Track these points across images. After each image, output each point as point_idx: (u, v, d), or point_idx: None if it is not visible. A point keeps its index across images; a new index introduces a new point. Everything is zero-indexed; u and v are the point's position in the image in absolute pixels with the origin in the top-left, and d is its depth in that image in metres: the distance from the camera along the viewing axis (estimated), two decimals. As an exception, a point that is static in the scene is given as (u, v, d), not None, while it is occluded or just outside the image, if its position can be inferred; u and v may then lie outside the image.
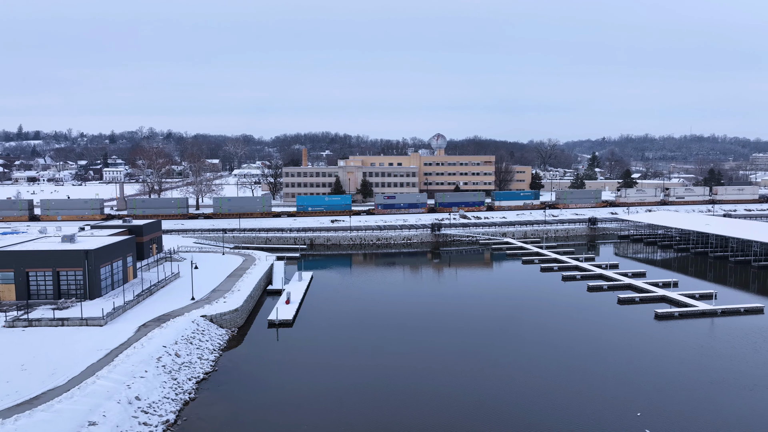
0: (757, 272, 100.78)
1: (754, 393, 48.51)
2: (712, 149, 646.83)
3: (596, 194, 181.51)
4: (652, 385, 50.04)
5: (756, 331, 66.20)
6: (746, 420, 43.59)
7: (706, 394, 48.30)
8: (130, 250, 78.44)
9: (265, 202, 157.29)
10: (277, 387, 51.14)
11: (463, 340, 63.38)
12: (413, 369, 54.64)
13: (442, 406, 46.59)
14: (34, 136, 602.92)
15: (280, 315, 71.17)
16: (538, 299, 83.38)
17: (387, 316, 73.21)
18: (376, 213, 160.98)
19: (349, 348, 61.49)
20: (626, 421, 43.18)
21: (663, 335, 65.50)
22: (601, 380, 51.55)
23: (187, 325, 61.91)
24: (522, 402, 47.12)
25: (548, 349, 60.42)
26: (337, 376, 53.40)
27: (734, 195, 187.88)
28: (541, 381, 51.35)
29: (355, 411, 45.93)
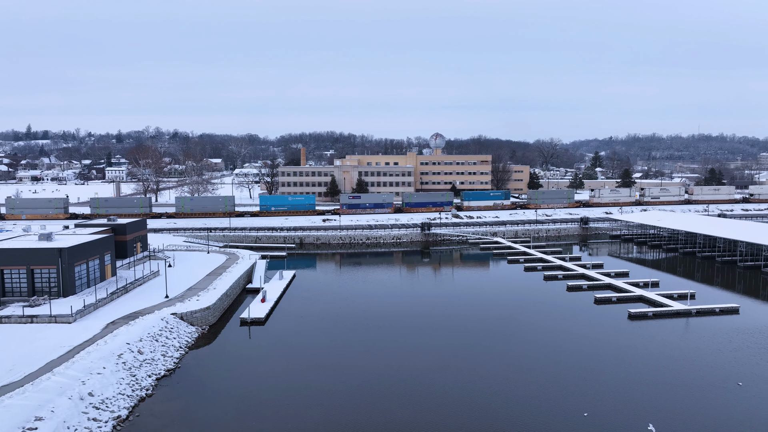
0: (742, 272, 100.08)
1: (705, 393, 48.30)
2: (720, 148, 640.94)
3: (569, 194, 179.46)
4: (605, 385, 49.98)
5: (725, 332, 65.81)
6: (690, 420, 43.45)
7: (658, 395, 48.11)
8: (108, 249, 79.25)
9: (228, 202, 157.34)
10: (236, 384, 51.55)
11: (433, 339, 63.50)
12: (381, 368, 54.74)
13: (405, 403, 46.81)
14: (42, 135, 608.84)
15: (252, 313, 71.69)
16: (517, 298, 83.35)
17: (363, 316, 73.43)
18: (341, 213, 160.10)
19: (318, 347, 61.78)
20: (573, 420, 43.19)
21: (632, 335, 65.29)
22: (553, 379, 51.48)
23: (156, 322, 62.56)
24: (471, 397, 47.21)
25: (513, 346, 60.44)
26: (301, 374, 53.70)
27: (710, 195, 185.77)
28: (493, 377, 51.39)
29: (311, 409, 46.20)
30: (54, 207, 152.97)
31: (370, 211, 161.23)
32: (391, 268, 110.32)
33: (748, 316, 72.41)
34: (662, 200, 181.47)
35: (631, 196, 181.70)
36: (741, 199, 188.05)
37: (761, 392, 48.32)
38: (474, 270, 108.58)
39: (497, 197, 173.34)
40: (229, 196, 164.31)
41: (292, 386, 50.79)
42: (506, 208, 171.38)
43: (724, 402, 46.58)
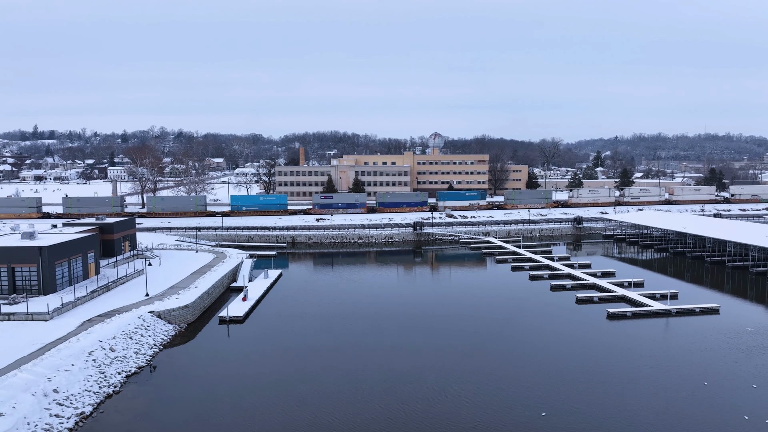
0: (731, 272, 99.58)
1: (668, 392, 48.19)
2: (726, 148, 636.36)
3: (546, 194, 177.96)
4: (568, 384, 50.01)
5: (701, 332, 65.60)
6: (647, 418, 43.43)
7: (619, 394, 48.04)
8: (92, 247, 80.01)
9: (199, 202, 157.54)
10: (205, 382, 51.92)
11: (410, 338, 63.67)
12: (355, 367, 54.83)
13: (376, 402, 47.08)
14: (49, 135, 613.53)
15: (231, 312, 72.16)
16: (500, 297, 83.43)
17: (343, 315, 73.61)
18: (313, 213, 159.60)
19: (294, 346, 62.08)
20: (531, 420, 43.28)
21: (607, 335, 65.22)
22: (517, 378, 51.53)
23: (132, 320, 63.12)
24: (431, 394, 47.38)
25: (485, 345, 60.50)
26: (272, 373, 53.98)
27: (690, 195, 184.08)
28: (457, 375, 51.51)
29: (276, 408, 46.49)
30: (27, 206, 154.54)
31: (342, 211, 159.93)
32: (379, 267, 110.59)
33: (727, 317, 72.08)
34: (642, 201, 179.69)
35: (610, 197, 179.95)
36: (722, 200, 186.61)
37: (724, 392, 48.19)
38: (461, 269, 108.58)
39: (473, 197, 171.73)
40: (201, 195, 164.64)
41: (262, 385, 51.14)
42: (482, 209, 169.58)
43: (686, 401, 46.47)
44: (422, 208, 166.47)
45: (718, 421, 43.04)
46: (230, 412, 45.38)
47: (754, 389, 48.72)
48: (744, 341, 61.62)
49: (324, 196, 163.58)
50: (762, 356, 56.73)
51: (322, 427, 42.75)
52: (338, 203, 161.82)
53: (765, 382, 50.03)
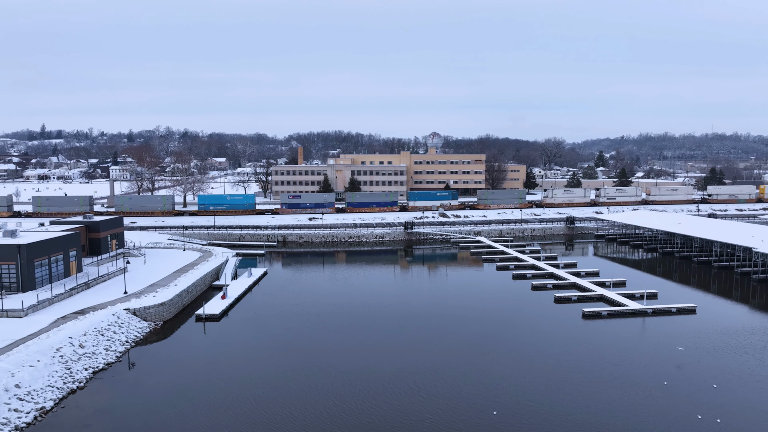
0: (717, 272, 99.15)
1: (626, 391, 48.20)
2: (733, 148, 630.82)
3: (520, 194, 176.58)
4: (527, 384, 50.17)
5: (671, 332, 65.48)
6: (594, 420, 43.55)
7: (571, 394, 48.15)
8: (74, 245, 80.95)
9: (166, 201, 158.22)
10: (171, 379, 52.54)
11: (380, 335, 64.08)
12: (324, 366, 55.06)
13: (336, 400, 47.51)
14: (56, 135, 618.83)
15: (207, 310, 72.82)
16: (480, 296, 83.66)
17: (319, 314, 73.98)
18: (281, 213, 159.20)
19: (265, 343, 62.65)
20: (482, 418, 43.50)
21: (579, 334, 65.19)
22: (479, 375, 51.74)
23: (106, 317, 63.89)
24: (390, 391, 47.71)
25: (453, 342, 60.71)
26: (238, 370, 54.38)
27: (667, 196, 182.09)
28: (415, 371, 51.78)
29: (238, 404, 46.93)
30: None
31: (310, 211, 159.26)
32: (364, 266, 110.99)
33: (703, 317, 71.87)
34: (618, 201, 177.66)
35: (585, 197, 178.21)
36: (699, 200, 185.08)
37: (681, 392, 48.15)
38: (446, 269, 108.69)
39: (444, 197, 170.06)
40: (168, 195, 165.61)
41: (227, 382, 51.54)
42: (454, 209, 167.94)
43: (641, 400, 46.47)
44: (392, 208, 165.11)
45: (669, 419, 43.04)
46: (190, 408, 45.94)
47: (714, 389, 48.66)
48: (711, 341, 61.46)
49: (291, 196, 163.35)
50: (726, 356, 56.57)
51: (285, 425, 43.19)
52: (306, 203, 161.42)
53: (725, 382, 49.95)
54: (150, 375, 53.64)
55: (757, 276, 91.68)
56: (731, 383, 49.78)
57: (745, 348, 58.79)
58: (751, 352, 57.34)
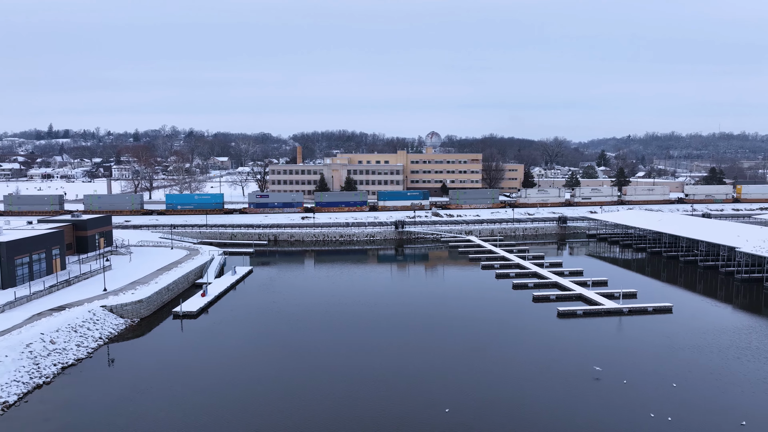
0: (702, 272, 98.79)
1: (574, 390, 48.40)
2: (741, 147, 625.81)
3: (493, 194, 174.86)
4: (487, 382, 50.46)
5: (644, 331, 65.54)
6: (547, 418, 43.79)
7: (528, 392, 48.33)
8: (57, 243, 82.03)
9: (134, 200, 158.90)
10: (137, 374, 53.17)
11: (353, 333, 64.52)
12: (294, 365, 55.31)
13: (299, 400, 48.04)
14: (63, 134, 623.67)
15: (185, 307, 73.59)
16: (459, 294, 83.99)
17: (296, 312, 74.57)
18: (248, 212, 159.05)
19: (238, 342, 63.07)
20: (434, 416, 43.85)
21: (549, 332, 65.29)
22: (437, 374, 52.06)
23: (81, 314, 64.77)
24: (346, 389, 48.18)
25: (423, 339, 61.04)
26: (208, 368, 54.89)
27: (643, 195, 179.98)
28: (374, 369, 52.21)
29: (201, 401, 47.35)
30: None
31: (278, 210, 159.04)
32: (349, 266, 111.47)
33: (679, 316, 71.75)
34: (593, 201, 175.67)
35: (560, 197, 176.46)
36: (676, 200, 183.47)
37: (639, 390, 48.19)
38: (432, 267, 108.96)
39: (415, 197, 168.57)
40: (137, 194, 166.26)
41: (194, 378, 52.14)
42: (423, 208, 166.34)
43: (599, 398, 46.62)
44: (361, 208, 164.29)
45: (620, 417, 43.19)
46: (151, 404, 46.56)
47: (673, 388, 48.68)
48: (680, 340, 61.40)
49: (259, 195, 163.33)
50: (691, 356, 56.52)
51: (247, 423, 43.76)
52: (274, 202, 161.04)
53: (685, 381, 49.95)
54: (118, 371, 54.47)
55: (740, 276, 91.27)
56: (691, 382, 49.81)
57: (711, 347, 58.70)
58: (716, 352, 57.26)
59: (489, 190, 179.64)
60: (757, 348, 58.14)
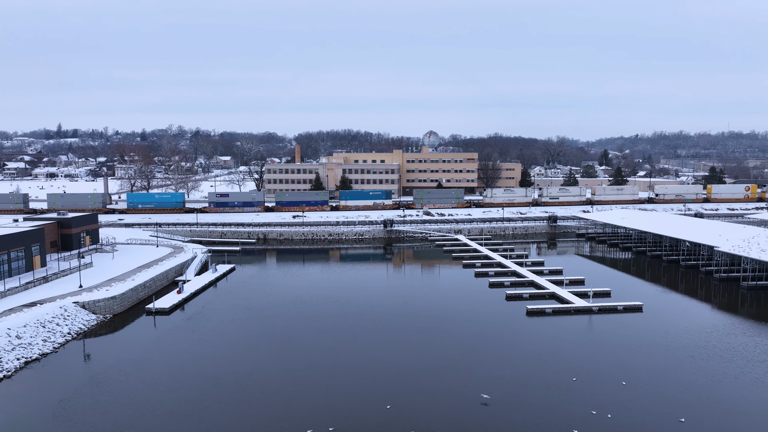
0: (684, 271, 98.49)
1: (520, 387, 48.69)
2: (750, 146, 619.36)
3: (458, 194, 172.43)
4: (436, 378, 50.91)
5: (609, 330, 65.73)
6: (489, 415, 44.17)
7: (473, 389, 48.59)
8: (37, 241, 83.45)
9: (97, 199, 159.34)
10: (97, 368, 54.19)
11: (320, 330, 65.20)
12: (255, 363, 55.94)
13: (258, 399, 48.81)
14: (72, 134, 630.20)
15: (158, 304, 74.66)
16: (436, 293, 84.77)
17: (269, 310, 75.32)
18: (209, 211, 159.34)
19: (205, 337, 63.92)
20: (377, 413, 44.40)
21: (514, 331, 65.63)
22: (388, 371, 52.58)
23: (51, 310, 66.00)
24: (291, 384, 48.86)
25: (384, 336, 61.57)
26: (167, 364, 55.92)
27: (612, 196, 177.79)
28: (322, 364, 52.83)
29: (155, 398, 48.15)
30: None
31: (238, 210, 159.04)
32: (331, 264, 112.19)
33: (648, 316, 71.70)
34: (561, 201, 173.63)
35: (527, 197, 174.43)
36: (646, 199, 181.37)
37: (586, 388, 48.44)
38: (414, 266, 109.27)
39: (377, 197, 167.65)
40: (99, 193, 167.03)
41: (154, 373, 52.98)
42: (387, 208, 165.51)
43: (544, 395, 46.90)
44: (322, 207, 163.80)
45: (562, 415, 43.48)
46: (104, 397, 47.48)
47: (623, 386, 48.85)
48: (642, 339, 61.44)
49: (219, 195, 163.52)
50: (647, 355, 56.54)
51: (192, 420, 44.57)
52: (234, 202, 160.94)
53: (635, 380, 50.02)
54: (79, 365, 55.51)
55: (719, 275, 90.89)
56: (641, 380, 49.91)
57: (669, 346, 58.68)
58: (673, 350, 57.28)
59: (453, 189, 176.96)
60: (714, 347, 58.07)
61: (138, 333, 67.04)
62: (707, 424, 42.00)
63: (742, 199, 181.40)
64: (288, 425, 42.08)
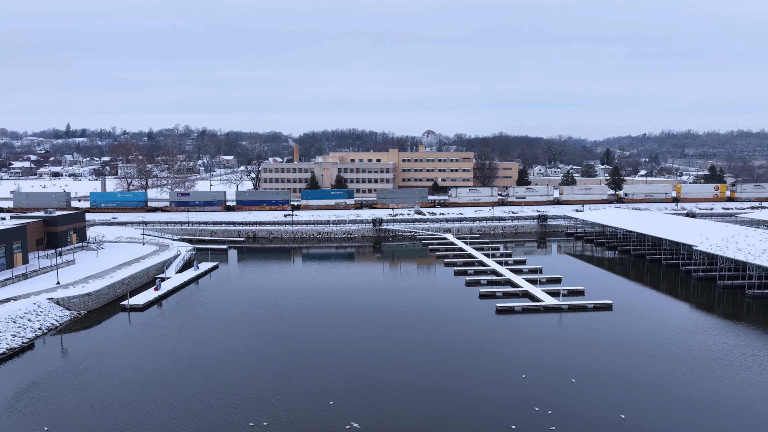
0: (666, 271, 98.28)
1: (471, 384, 49.12)
2: (759, 145, 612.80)
3: (421, 193, 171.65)
4: (386, 374, 51.51)
5: (575, 328, 66.04)
6: (430, 410, 44.71)
7: (426, 385, 49.23)
8: (18, 238, 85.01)
9: (60, 198, 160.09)
10: (58, 363, 55.38)
11: (292, 328, 66.04)
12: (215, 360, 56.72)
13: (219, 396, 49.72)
14: (80, 134, 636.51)
15: (132, 301, 75.86)
16: (413, 291, 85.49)
17: (245, 309, 76.17)
18: (169, 210, 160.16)
19: (174, 334, 64.86)
20: (322, 409, 45.10)
21: (480, 329, 65.97)
22: (336, 367, 53.26)
23: (24, 305, 67.32)
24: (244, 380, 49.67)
25: (346, 333, 62.24)
26: (134, 358, 56.99)
27: (580, 195, 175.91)
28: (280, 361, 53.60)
29: (116, 393, 49.24)
30: None
31: (199, 209, 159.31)
32: (316, 262, 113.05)
33: (617, 314, 71.84)
34: (528, 200, 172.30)
35: (492, 196, 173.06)
36: (615, 199, 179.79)
37: (534, 385, 48.83)
38: (396, 265, 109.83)
39: (338, 196, 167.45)
40: (62, 192, 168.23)
41: (112, 367, 54.06)
42: (349, 208, 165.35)
43: (490, 392, 47.38)
44: (283, 206, 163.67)
45: (500, 410, 43.95)
46: (60, 391, 48.55)
47: (572, 383, 49.17)
48: (603, 337, 61.74)
49: (180, 194, 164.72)
50: (605, 352, 56.82)
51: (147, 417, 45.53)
52: (195, 201, 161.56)
53: (586, 377, 50.32)
54: (43, 360, 56.65)
55: (697, 274, 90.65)
56: (592, 378, 50.22)
57: (628, 345, 58.82)
58: (629, 349, 57.41)
59: (417, 189, 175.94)
60: (672, 345, 58.13)
61: (109, 329, 68.14)
62: (645, 420, 42.23)
63: (711, 199, 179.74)
64: (229, 421, 42.88)
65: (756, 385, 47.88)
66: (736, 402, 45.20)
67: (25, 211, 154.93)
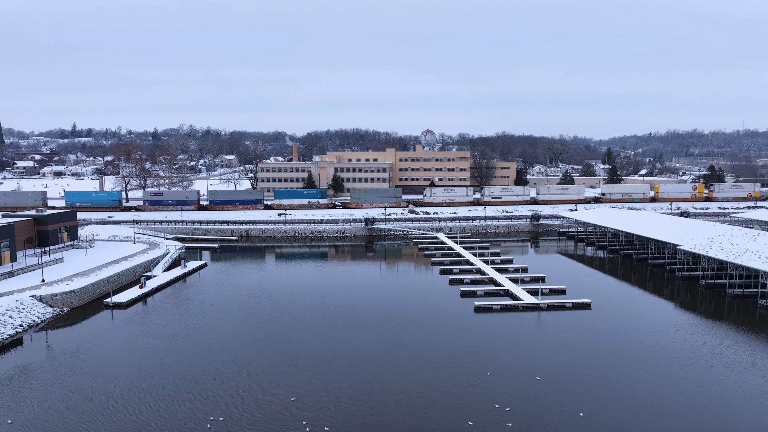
0: (652, 270, 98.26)
1: (432, 381, 49.57)
2: (765, 144, 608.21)
3: (394, 193, 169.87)
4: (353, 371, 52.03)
5: (550, 326, 66.32)
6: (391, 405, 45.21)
7: (390, 382, 49.71)
8: (6, 237, 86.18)
9: (36, 198, 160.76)
10: (32, 358, 56.29)
11: (275, 326, 66.73)
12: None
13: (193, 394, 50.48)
14: (86, 133, 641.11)
15: (115, 298, 76.81)
16: (396, 289, 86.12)
17: (225, 305, 77.06)
18: (144, 210, 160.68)
19: (151, 331, 65.77)
20: (281, 402, 45.73)
21: (456, 327, 66.34)
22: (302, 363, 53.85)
23: (7, 303, 68.35)
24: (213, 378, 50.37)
25: (322, 331, 62.83)
26: (107, 354, 57.96)
27: (557, 195, 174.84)
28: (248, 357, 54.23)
29: (84, 387, 50.18)
30: None
31: (172, 208, 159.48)
32: (304, 261, 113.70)
33: (595, 313, 72.05)
34: (504, 200, 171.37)
35: (467, 196, 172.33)
36: (593, 199, 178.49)
37: (496, 382, 49.21)
38: (383, 264, 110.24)
39: (312, 196, 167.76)
40: (39, 192, 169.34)
41: (87, 363, 54.96)
42: (323, 207, 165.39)
43: (450, 389, 47.82)
44: (256, 206, 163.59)
45: (460, 407, 44.35)
46: (30, 385, 49.44)
47: (536, 381, 49.51)
48: (575, 335, 62.00)
49: (153, 193, 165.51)
50: (575, 350, 57.09)
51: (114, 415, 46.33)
52: (168, 200, 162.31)
53: (551, 375, 50.61)
54: (20, 355, 57.62)
55: (681, 273, 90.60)
56: (556, 376, 50.50)
57: (599, 343, 59.14)
58: (597, 348, 57.70)
59: (391, 189, 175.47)
60: (641, 343, 58.35)
61: (90, 326, 69.03)
62: (603, 418, 42.56)
63: (689, 199, 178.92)
64: (192, 417, 43.57)
65: (717, 383, 48.10)
66: (695, 399, 45.45)
67: (2, 209, 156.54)
